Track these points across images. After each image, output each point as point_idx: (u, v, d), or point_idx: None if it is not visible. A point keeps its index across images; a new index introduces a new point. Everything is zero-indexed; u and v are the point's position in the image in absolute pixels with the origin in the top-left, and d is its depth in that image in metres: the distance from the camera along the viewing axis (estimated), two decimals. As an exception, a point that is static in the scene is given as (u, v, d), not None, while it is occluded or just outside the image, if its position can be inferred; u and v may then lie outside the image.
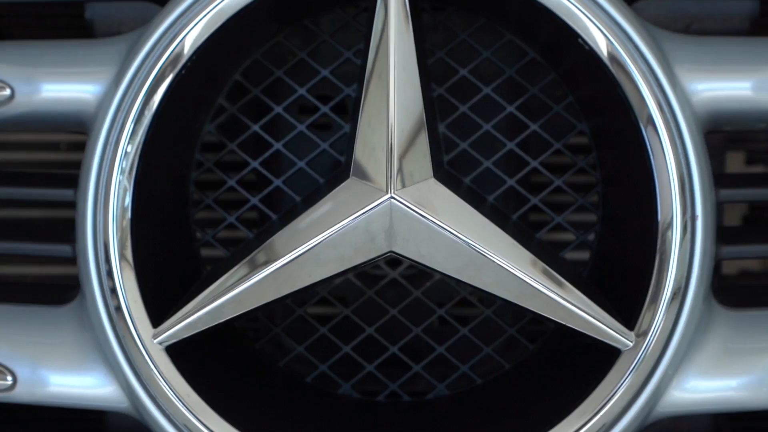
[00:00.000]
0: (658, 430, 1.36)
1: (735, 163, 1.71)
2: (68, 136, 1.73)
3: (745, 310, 1.19)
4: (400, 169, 1.16)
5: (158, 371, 1.14)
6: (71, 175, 1.33)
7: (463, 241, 1.11)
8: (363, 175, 1.16)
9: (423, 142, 1.16)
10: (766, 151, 1.79)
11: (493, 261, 1.09)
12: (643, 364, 1.12)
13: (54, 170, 1.78)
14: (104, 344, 1.18)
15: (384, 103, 1.18)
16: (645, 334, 1.09)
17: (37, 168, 1.82)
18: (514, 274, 1.09)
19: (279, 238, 1.17)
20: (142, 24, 1.34)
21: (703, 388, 1.17)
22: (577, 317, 1.08)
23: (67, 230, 1.30)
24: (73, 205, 1.28)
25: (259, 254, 1.17)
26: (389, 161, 1.17)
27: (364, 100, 1.20)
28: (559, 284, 1.11)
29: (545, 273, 1.12)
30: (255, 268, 1.14)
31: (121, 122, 1.15)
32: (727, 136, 1.61)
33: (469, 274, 1.13)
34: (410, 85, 1.20)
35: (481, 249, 1.09)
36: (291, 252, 1.15)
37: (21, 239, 1.30)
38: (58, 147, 1.74)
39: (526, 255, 1.11)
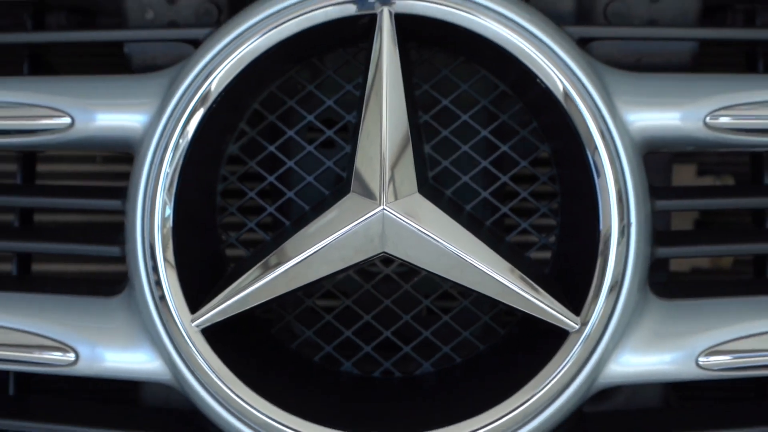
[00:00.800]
0: (619, 403, 1.55)
1: (687, 175, 1.90)
2: (103, 151, 1.80)
3: (675, 300, 1.37)
4: (391, 185, 1.34)
5: (196, 349, 1.33)
6: (117, 188, 1.51)
7: (442, 244, 1.29)
8: (361, 190, 1.34)
9: (410, 162, 1.34)
10: (715, 163, 1.90)
11: (466, 261, 1.29)
12: (586, 343, 1.32)
13: (98, 182, 1.86)
14: (150, 327, 1.38)
15: (378, 128, 1.35)
16: (588, 319, 1.27)
17: (77, 177, 1.93)
18: (484, 271, 1.28)
19: (292, 242, 1.35)
20: (174, 58, 1.53)
21: (636, 363, 1.36)
22: (534, 306, 1.28)
23: (107, 233, 1.49)
24: (107, 212, 1.44)
25: (275, 255, 1.35)
26: (382, 178, 1.35)
27: (361, 126, 1.37)
28: (522, 279, 1.30)
29: (510, 270, 1.31)
30: (272, 266, 1.33)
31: (163, 147, 1.35)
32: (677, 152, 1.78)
33: (446, 271, 1.33)
34: (399, 113, 1.36)
35: (457, 251, 1.29)
36: (302, 253, 1.33)
37: (73, 241, 1.45)
38: (94, 160, 1.90)
39: (495, 256, 1.31)
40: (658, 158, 1.57)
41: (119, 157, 1.71)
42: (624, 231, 1.35)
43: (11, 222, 1.59)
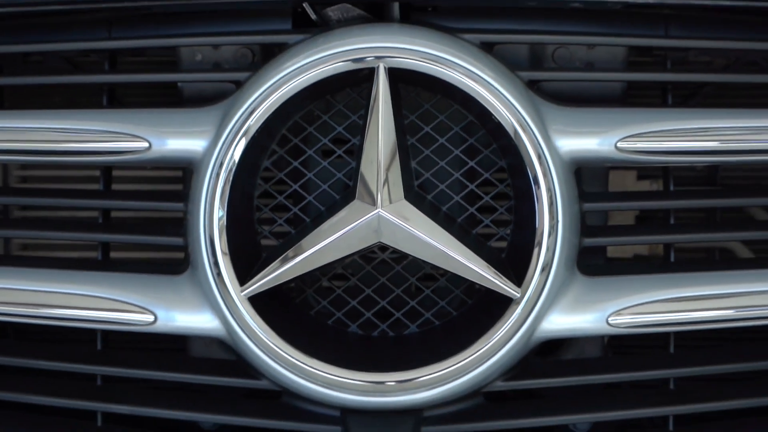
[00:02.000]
0: (574, 353, 1.88)
1: (630, 179, 2.18)
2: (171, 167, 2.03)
3: (595, 277, 1.73)
4: (385, 192, 1.69)
5: (245, 311, 1.67)
6: (176, 192, 1.85)
7: (422, 237, 1.66)
8: (363, 196, 1.69)
9: (399, 175, 1.69)
10: (652, 169, 2.15)
11: (440, 248, 1.66)
12: (525, 307, 1.69)
13: (146, 185, 2.18)
14: (210, 296, 1.71)
15: (375, 149, 1.70)
16: (527, 290, 1.65)
17: (128, 180, 2.21)
18: (452, 256, 1.65)
19: (311, 235, 1.70)
20: (217, 91, 1.84)
21: (562, 322, 1.72)
22: (489, 280, 1.66)
23: (166, 227, 1.82)
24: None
25: (300, 244, 1.69)
26: (378, 187, 1.69)
27: (363, 147, 1.71)
28: (480, 261, 1.66)
29: (473, 255, 1.68)
30: (297, 252, 1.67)
31: (218, 166, 1.70)
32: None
33: (426, 256, 1.69)
34: (391, 137, 1.71)
35: (433, 241, 1.66)
36: (319, 243, 1.68)
37: (146, 234, 1.82)
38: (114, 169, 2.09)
39: (461, 245, 1.67)
40: (596, 169, 1.88)
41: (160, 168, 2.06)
42: (554, 227, 1.70)
43: (97, 218, 1.90)
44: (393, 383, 1.68)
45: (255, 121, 1.70)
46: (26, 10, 1.86)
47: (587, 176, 1.87)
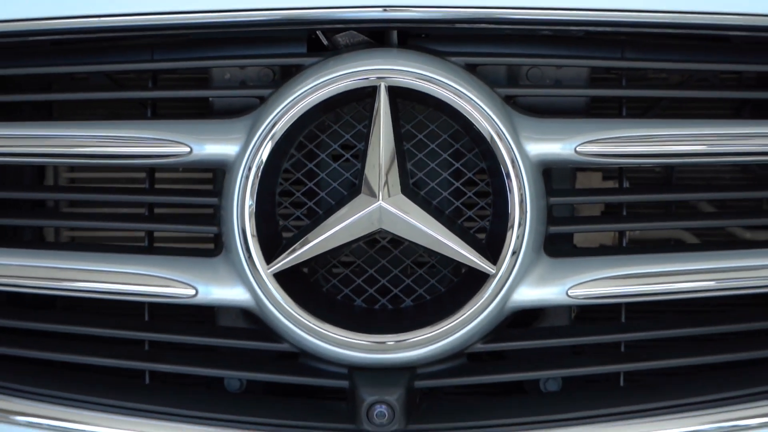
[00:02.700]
0: (550, 318, 2.06)
1: (595, 180, 2.31)
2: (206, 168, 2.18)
3: (559, 258, 1.96)
4: (385, 189, 1.90)
5: (270, 285, 1.90)
6: (209, 190, 2.06)
7: (416, 225, 1.88)
8: (366, 192, 1.90)
9: (396, 174, 1.89)
10: (614, 170, 2.24)
11: (430, 234, 1.88)
12: (498, 282, 1.90)
13: (198, 186, 2.30)
14: (242, 273, 1.93)
15: (377, 153, 1.89)
16: (500, 268, 1.89)
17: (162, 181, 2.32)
18: (440, 240, 1.88)
19: (324, 224, 1.91)
20: (243, 104, 2.01)
21: (530, 295, 1.95)
22: (470, 259, 1.88)
23: (197, 217, 2.08)
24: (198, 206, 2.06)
25: (314, 231, 1.90)
26: (379, 184, 1.90)
27: (367, 152, 1.90)
28: (463, 244, 1.88)
29: (457, 240, 1.89)
30: (313, 237, 1.89)
31: (248, 168, 1.90)
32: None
33: (419, 240, 1.89)
34: (390, 143, 1.90)
35: (425, 228, 1.88)
36: (331, 230, 1.89)
37: (186, 224, 2.05)
38: (177, 169, 2.29)
39: (448, 232, 1.89)
40: (564, 170, 2.07)
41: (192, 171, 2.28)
42: (523, 218, 1.91)
43: (144, 212, 2.08)
44: (391, 342, 1.91)
45: (278, 129, 1.90)
46: (85, 37, 2.01)
47: (556, 176, 2.05)
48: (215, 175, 2.10)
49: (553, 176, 2.05)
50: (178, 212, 2.31)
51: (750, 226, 2.28)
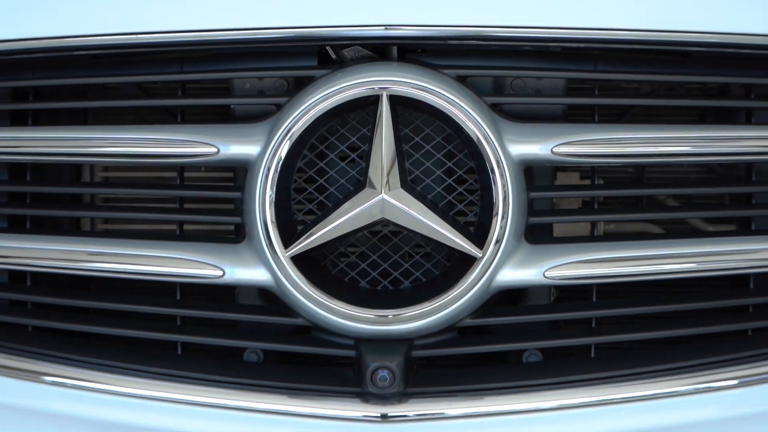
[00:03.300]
0: (532, 298, 2.18)
1: (573, 178, 2.35)
2: (231, 167, 2.25)
3: (537, 245, 2.10)
4: (386, 184, 2.03)
5: (288, 267, 2.05)
6: (230, 186, 2.20)
7: (413, 215, 2.02)
8: (370, 187, 2.03)
9: (396, 171, 2.03)
10: (588, 170, 2.29)
11: (426, 223, 2.02)
12: (484, 264, 2.05)
13: (220, 182, 2.38)
14: (262, 257, 2.07)
15: (379, 153, 2.02)
16: (486, 252, 2.03)
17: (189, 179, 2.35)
18: (434, 228, 2.02)
19: (334, 214, 2.04)
20: (261, 110, 2.12)
21: (511, 276, 2.09)
22: (460, 245, 2.02)
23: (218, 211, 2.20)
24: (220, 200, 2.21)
25: (325, 221, 2.04)
26: (381, 180, 2.03)
27: (371, 152, 2.03)
28: (454, 232, 2.02)
29: (449, 228, 2.03)
30: (325, 225, 2.02)
31: (267, 166, 2.03)
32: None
33: (416, 228, 2.02)
34: (391, 145, 2.03)
35: (421, 218, 2.02)
36: (339, 219, 2.03)
37: (213, 214, 2.17)
38: (200, 168, 2.39)
39: (441, 221, 2.03)
40: (545, 169, 2.19)
41: (215, 168, 2.33)
42: (506, 210, 2.04)
43: (176, 205, 2.21)
44: (391, 316, 2.05)
45: (294, 132, 2.04)
46: (121, 52, 2.10)
47: (538, 174, 2.19)
48: (236, 173, 2.22)
49: (535, 174, 2.18)
50: (201, 207, 2.37)
51: (711, 219, 2.39)
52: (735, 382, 2.10)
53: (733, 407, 2.12)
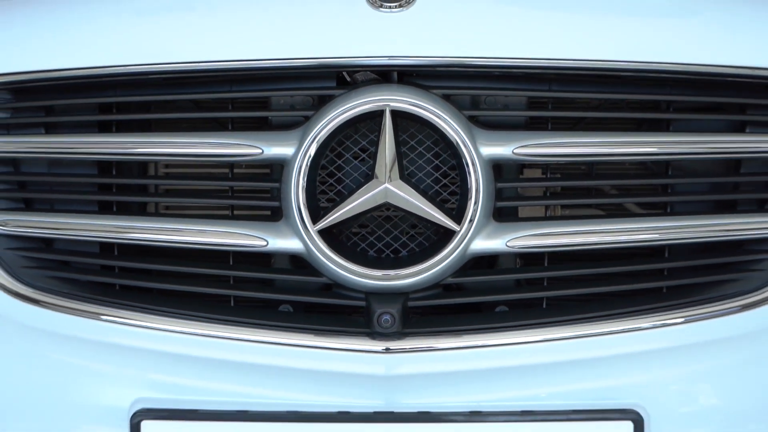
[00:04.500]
0: (500, 264, 2.57)
1: (536, 173, 2.66)
2: (269, 164, 2.58)
3: (503, 222, 2.48)
4: (389, 177, 2.41)
5: (316, 238, 2.45)
6: (272, 178, 2.54)
7: (409, 200, 2.40)
8: (376, 178, 2.40)
9: (396, 167, 2.39)
10: (550, 166, 2.57)
11: (419, 205, 2.40)
12: (460, 236, 2.44)
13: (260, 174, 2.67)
14: (296, 231, 2.46)
15: (384, 154, 2.39)
16: (462, 227, 2.41)
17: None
18: (424, 208, 2.40)
19: (350, 198, 2.43)
20: (293, 121, 2.48)
21: (481, 245, 2.49)
22: (442, 222, 2.41)
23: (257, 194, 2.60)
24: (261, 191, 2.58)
25: (343, 204, 2.43)
26: (385, 173, 2.41)
27: (377, 153, 2.40)
28: (440, 212, 2.40)
29: (436, 210, 2.41)
30: (342, 207, 2.41)
31: (299, 163, 2.41)
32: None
33: (411, 209, 2.40)
34: (392, 147, 2.40)
35: (415, 201, 2.39)
36: (354, 202, 2.42)
37: (259, 200, 2.55)
38: (242, 166, 2.67)
39: (430, 204, 2.40)
40: (512, 166, 2.55)
41: (253, 167, 2.66)
42: (478, 197, 2.43)
43: (228, 193, 2.57)
44: (392, 275, 2.46)
45: (320, 137, 2.42)
46: (185, 75, 2.46)
47: (507, 170, 2.55)
48: (272, 169, 2.56)
49: (504, 170, 2.54)
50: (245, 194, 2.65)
51: (642, 204, 2.71)
52: (648, 324, 2.53)
53: (645, 343, 2.54)
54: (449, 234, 2.49)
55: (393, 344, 2.49)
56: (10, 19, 2.55)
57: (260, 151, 2.50)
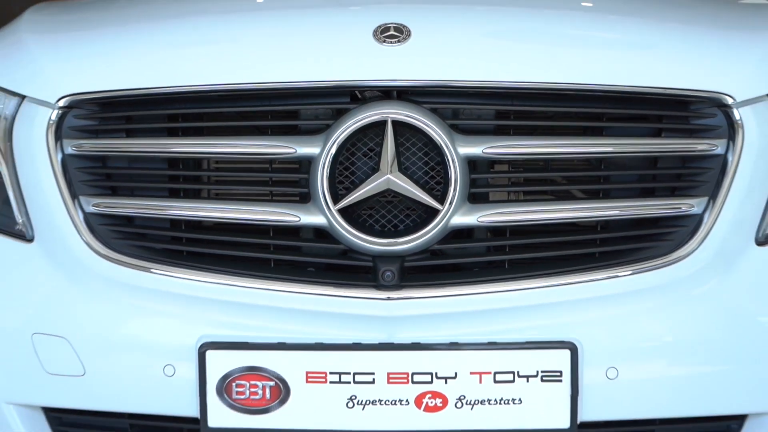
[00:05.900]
0: (477, 234, 3.09)
1: (504, 167, 3.12)
2: (299, 162, 3.02)
3: (475, 204, 3.05)
4: (390, 170, 2.95)
5: (337, 214, 3.02)
6: (302, 170, 3.03)
7: (407, 187, 2.96)
8: (381, 171, 2.95)
9: (396, 163, 2.93)
10: (522, 162, 3.08)
11: (413, 191, 2.97)
12: (443, 213, 3.00)
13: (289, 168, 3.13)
14: (321, 209, 2.99)
15: (387, 153, 2.93)
16: (444, 206, 2.99)
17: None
18: (417, 194, 2.98)
19: (361, 185, 3.00)
20: (318, 128, 3.02)
21: (459, 220, 3.06)
22: (429, 203, 2.96)
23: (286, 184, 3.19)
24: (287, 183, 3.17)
25: (356, 190, 2.99)
26: (387, 167, 2.96)
27: (382, 152, 2.91)
28: (427, 196, 2.95)
29: (425, 194, 2.96)
30: (355, 192, 2.98)
31: (324, 159, 3.01)
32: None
33: (407, 194, 2.96)
34: (393, 148, 2.95)
35: (410, 188, 2.96)
36: (363, 189, 3.01)
37: (291, 186, 3.09)
38: (274, 162, 3.07)
39: (421, 190, 2.95)
40: (485, 161, 2.99)
41: (285, 163, 3.09)
42: (456, 186, 2.96)
43: (267, 181, 3.07)
44: (393, 242, 2.99)
45: (339, 140, 2.95)
46: (234, 93, 2.99)
47: (480, 165, 3.00)
48: (301, 164, 3.01)
49: (478, 165, 3.01)
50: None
51: (585, 191, 3.14)
52: (581, 280, 3.11)
53: (581, 293, 3.09)
54: (435, 212, 3.03)
55: (393, 294, 3.06)
56: (98, 49, 3.15)
57: (294, 150, 3.04)
